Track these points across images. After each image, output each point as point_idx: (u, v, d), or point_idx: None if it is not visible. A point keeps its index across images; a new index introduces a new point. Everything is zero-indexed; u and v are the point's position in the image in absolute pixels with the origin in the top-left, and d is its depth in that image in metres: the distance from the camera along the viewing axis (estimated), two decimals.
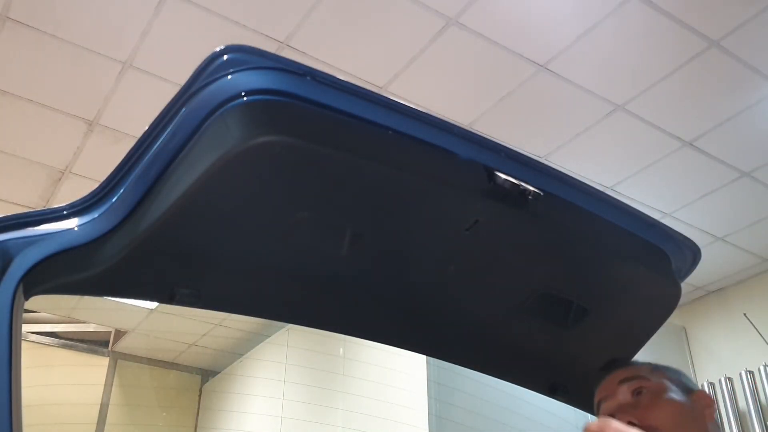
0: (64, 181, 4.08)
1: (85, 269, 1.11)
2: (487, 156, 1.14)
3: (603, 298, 1.35)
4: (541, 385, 1.51)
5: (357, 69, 3.29)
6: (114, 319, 6.09)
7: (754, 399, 4.58)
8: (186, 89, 1.02)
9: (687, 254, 1.37)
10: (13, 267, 1.04)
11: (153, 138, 1.06)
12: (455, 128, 1.13)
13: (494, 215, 1.14)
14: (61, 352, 6.24)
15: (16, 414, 0.97)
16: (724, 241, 4.51)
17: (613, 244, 1.27)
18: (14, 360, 0.99)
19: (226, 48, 1.00)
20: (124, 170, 1.09)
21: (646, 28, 3.05)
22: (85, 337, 6.44)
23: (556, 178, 1.21)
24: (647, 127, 3.60)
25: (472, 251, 1.21)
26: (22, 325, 1.06)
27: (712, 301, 5.11)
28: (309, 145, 1.01)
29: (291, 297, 1.21)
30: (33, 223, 1.10)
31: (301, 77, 1.01)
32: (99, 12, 3.02)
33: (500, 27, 3.07)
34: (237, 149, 0.97)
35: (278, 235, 1.14)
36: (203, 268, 1.20)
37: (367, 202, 1.12)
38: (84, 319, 6.19)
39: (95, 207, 1.12)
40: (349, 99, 1.04)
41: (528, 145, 3.67)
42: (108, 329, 6.39)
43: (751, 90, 3.39)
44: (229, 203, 1.09)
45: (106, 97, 3.46)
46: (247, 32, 3.09)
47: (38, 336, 6.14)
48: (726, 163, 3.86)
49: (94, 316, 6.14)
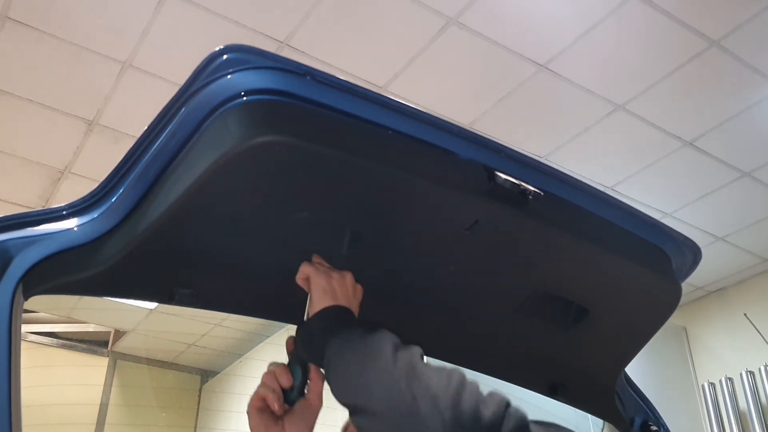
0: (63, 181, 4.08)
1: (85, 269, 1.10)
2: (487, 156, 1.14)
3: (603, 299, 1.34)
4: (541, 386, 1.50)
5: (357, 69, 3.29)
6: (113, 319, 6.09)
7: (755, 399, 4.58)
8: (186, 89, 1.02)
9: (687, 254, 1.37)
10: (12, 267, 1.04)
11: (153, 138, 1.06)
12: (455, 128, 1.12)
13: (494, 215, 1.14)
14: (61, 353, 6.24)
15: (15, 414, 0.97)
16: (724, 241, 4.51)
17: (614, 244, 1.27)
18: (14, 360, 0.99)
19: (225, 48, 1.00)
20: (124, 170, 1.09)
21: (647, 27, 3.05)
22: (85, 338, 6.44)
23: (556, 178, 1.21)
24: (647, 127, 3.60)
25: (472, 251, 1.21)
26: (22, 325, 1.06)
27: (713, 301, 5.11)
28: (309, 145, 1.01)
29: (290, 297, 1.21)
30: (32, 223, 1.10)
31: (300, 77, 1.01)
32: (99, 12, 3.02)
33: (500, 27, 3.07)
34: (237, 149, 0.97)
35: (278, 235, 1.14)
36: (203, 269, 1.20)
37: (366, 203, 1.11)
38: (83, 320, 6.19)
39: (95, 207, 1.12)
40: (349, 99, 1.04)
41: (528, 145, 3.66)
42: (107, 329, 6.40)
43: (752, 90, 3.38)
44: (229, 203, 1.09)
45: (106, 96, 3.46)
46: (246, 32, 3.08)
47: (38, 336, 6.14)
48: (726, 163, 3.86)
49: (93, 317, 6.14)
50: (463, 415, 0.82)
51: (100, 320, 6.22)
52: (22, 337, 1.05)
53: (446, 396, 0.84)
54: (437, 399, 0.84)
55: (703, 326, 5.12)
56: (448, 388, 0.85)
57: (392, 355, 0.92)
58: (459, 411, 0.82)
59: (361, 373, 0.93)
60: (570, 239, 1.23)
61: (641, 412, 1.56)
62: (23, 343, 1.04)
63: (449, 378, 0.87)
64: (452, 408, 0.83)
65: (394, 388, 0.87)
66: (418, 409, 0.84)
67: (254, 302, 1.32)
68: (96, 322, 6.27)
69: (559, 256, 1.25)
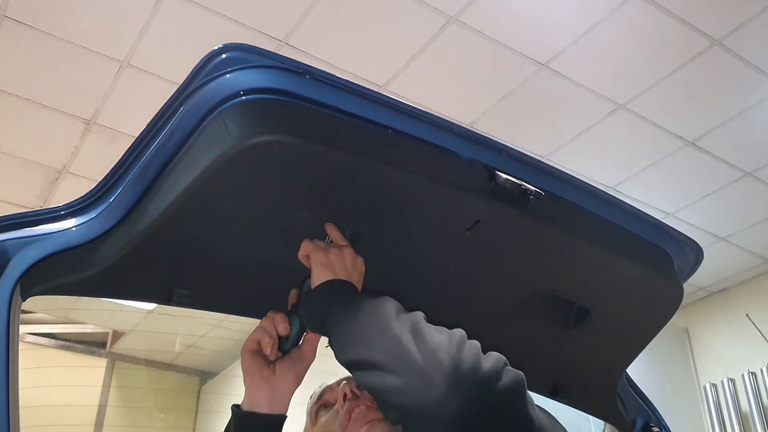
0: (61, 181, 4.07)
1: (83, 270, 1.10)
2: (488, 155, 1.13)
3: (605, 299, 1.34)
4: (542, 387, 1.50)
5: (357, 68, 3.28)
6: (112, 320, 6.09)
7: (757, 400, 4.57)
8: (184, 88, 1.01)
9: (689, 255, 1.36)
10: (10, 267, 1.04)
11: (151, 137, 1.05)
12: (456, 127, 1.12)
13: (495, 215, 1.13)
14: (59, 353, 6.24)
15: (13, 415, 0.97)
16: (726, 242, 4.50)
17: (615, 245, 1.26)
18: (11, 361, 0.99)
19: (224, 46, 0.99)
20: (122, 170, 1.09)
21: (648, 26, 3.04)
22: (83, 338, 6.43)
23: (557, 178, 1.21)
24: (649, 127, 3.60)
25: (473, 252, 1.20)
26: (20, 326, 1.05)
27: (715, 301, 5.10)
28: (308, 144, 1.00)
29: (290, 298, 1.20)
30: (30, 224, 1.09)
31: (300, 76, 1.00)
32: (97, 10, 3.01)
33: (501, 25, 3.06)
34: (235, 149, 0.96)
35: (277, 235, 1.13)
36: (201, 269, 1.19)
37: (366, 203, 1.11)
38: (82, 320, 6.18)
39: (93, 207, 1.11)
40: (348, 98, 1.04)
41: (529, 145, 3.66)
42: (106, 330, 6.39)
43: (754, 89, 3.38)
44: (228, 203, 1.09)
45: (104, 96, 3.45)
46: (245, 31, 3.08)
47: (36, 337, 6.13)
48: (729, 162, 3.85)
49: (91, 317, 6.14)
50: (463, 366, 0.87)
51: (98, 321, 6.22)
52: (20, 337, 1.04)
53: (448, 349, 0.89)
54: (439, 351, 0.89)
55: (705, 327, 5.11)
56: (450, 342, 0.90)
57: (395, 315, 0.97)
58: (459, 362, 0.87)
59: (365, 330, 0.98)
60: (571, 240, 1.22)
61: (643, 413, 1.55)
62: (21, 344, 1.03)
63: (450, 335, 0.92)
64: (453, 359, 0.87)
65: (397, 341, 0.92)
66: (420, 360, 0.88)
67: (253, 303, 1.31)
68: (94, 323, 6.26)
69: (560, 257, 1.25)
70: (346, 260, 1.10)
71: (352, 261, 1.11)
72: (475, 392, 0.86)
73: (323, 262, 1.08)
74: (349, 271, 1.09)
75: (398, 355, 0.91)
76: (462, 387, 0.85)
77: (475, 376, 0.86)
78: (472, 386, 0.86)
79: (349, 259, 1.10)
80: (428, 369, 0.87)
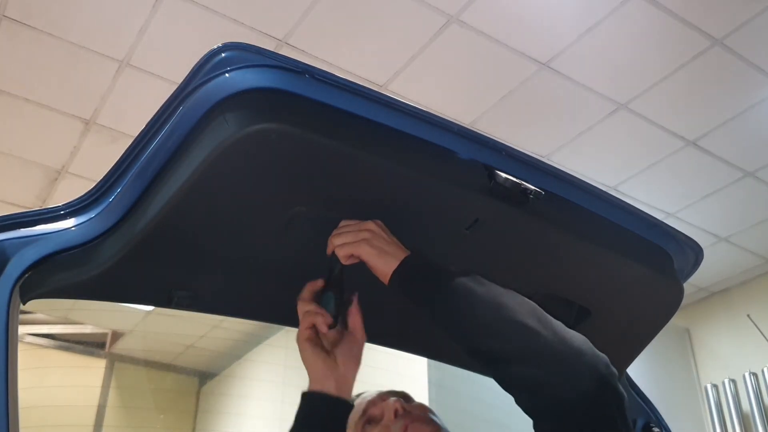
0: (60, 181, 4.06)
1: (83, 271, 1.10)
2: (488, 155, 1.13)
3: (605, 299, 1.34)
4: None
5: (356, 67, 3.28)
6: (111, 320, 6.09)
7: (758, 401, 4.57)
8: (183, 87, 1.01)
9: (689, 255, 1.36)
10: (9, 267, 1.04)
11: (150, 137, 1.05)
12: (456, 127, 1.12)
13: (495, 215, 1.13)
14: (58, 354, 6.22)
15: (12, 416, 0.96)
16: (727, 242, 4.50)
17: (616, 245, 1.26)
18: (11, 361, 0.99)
19: (223, 46, 0.99)
20: (121, 169, 1.09)
21: (649, 26, 3.04)
22: (82, 339, 6.42)
23: (557, 178, 1.20)
24: (650, 126, 3.59)
25: (472, 251, 1.20)
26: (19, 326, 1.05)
27: (716, 302, 5.10)
28: (308, 144, 1.00)
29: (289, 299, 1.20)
30: (29, 224, 1.09)
31: (299, 75, 1.00)
32: (96, 10, 3.01)
33: (502, 25, 3.06)
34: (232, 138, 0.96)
35: (276, 237, 1.13)
36: (201, 271, 1.19)
37: (366, 202, 1.11)
38: (81, 321, 6.18)
39: (92, 207, 1.11)
40: (348, 98, 1.03)
41: (529, 145, 3.65)
42: (105, 331, 6.38)
43: (755, 89, 3.37)
44: (227, 204, 1.08)
45: (103, 95, 3.45)
46: (245, 30, 3.07)
47: (35, 337, 6.12)
48: (729, 162, 3.85)
49: (91, 318, 6.13)
50: (600, 356, 0.93)
51: (97, 322, 6.21)
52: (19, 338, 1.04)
53: (577, 337, 0.95)
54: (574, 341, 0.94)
55: (706, 327, 5.11)
56: (566, 330, 0.96)
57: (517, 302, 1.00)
58: (595, 352, 0.94)
59: (494, 320, 0.98)
60: (571, 239, 1.22)
61: (643, 414, 1.55)
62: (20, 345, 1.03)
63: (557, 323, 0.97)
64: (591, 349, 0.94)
65: (533, 332, 0.95)
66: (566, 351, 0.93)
67: (253, 305, 1.31)
68: (93, 323, 6.25)
69: (560, 257, 1.25)
70: (383, 235, 1.08)
71: (385, 230, 1.09)
72: (615, 382, 0.93)
73: (375, 253, 1.07)
74: (393, 241, 1.09)
75: (539, 347, 0.94)
76: (606, 377, 0.91)
77: (609, 368, 0.93)
78: (613, 376, 0.93)
79: (384, 231, 1.09)
80: (574, 361, 0.92)
